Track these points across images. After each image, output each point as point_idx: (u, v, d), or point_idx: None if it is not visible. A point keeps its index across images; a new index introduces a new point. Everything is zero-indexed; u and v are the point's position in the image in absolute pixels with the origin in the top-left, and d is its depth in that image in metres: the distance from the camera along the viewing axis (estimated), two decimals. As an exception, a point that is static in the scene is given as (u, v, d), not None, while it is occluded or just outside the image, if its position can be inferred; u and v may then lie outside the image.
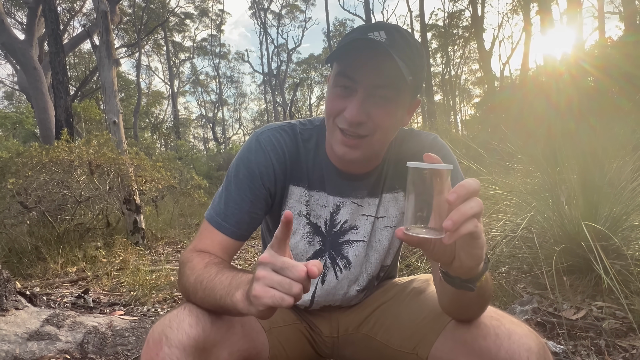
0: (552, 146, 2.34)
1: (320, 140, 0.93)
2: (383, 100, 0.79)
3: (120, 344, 1.69)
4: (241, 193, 0.87)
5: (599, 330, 1.53)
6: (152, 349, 0.70)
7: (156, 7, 23.01)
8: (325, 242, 0.95)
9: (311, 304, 0.99)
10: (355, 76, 0.78)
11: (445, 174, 0.57)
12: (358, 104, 0.78)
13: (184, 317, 0.72)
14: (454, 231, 0.53)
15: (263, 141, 0.90)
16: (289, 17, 33.90)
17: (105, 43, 4.65)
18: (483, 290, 0.70)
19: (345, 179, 0.92)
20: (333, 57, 0.79)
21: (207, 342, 0.72)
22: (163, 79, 32.92)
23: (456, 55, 30.23)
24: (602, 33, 14.01)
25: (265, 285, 0.59)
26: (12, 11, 15.58)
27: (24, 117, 15.40)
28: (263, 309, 0.59)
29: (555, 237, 1.98)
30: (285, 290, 0.58)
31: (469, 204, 0.54)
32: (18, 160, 3.89)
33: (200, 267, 0.79)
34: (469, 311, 0.77)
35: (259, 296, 0.58)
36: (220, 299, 0.70)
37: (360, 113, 0.78)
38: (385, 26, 0.79)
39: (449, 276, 0.68)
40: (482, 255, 0.60)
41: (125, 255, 3.41)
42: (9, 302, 1.74)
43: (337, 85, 0.81)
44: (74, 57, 20.23)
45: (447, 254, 0.62)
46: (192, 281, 0.77)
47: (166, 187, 4.75)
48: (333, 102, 0.82)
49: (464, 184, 0.54)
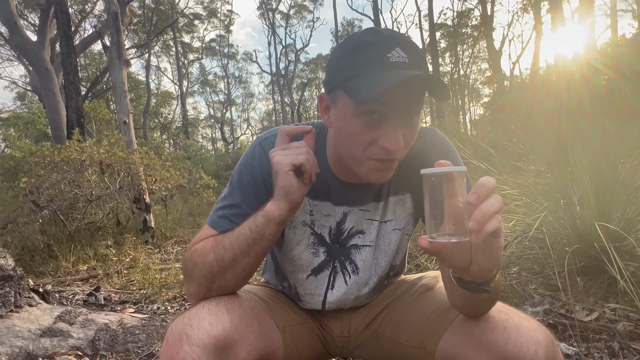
0: (564, 146, 2.31)
1: (319, 149, 0.87)
2: (413, 117, 0.74)
3: (131, 341, 1.70)
4: (245, 199, 0.85)
5: (612, 333, 1.51)
6: (173, 348, 0.69)
7: (165, 8, 23.20)
8: (330, 251, 0.94)
9: (323, 309, 0.98)
10: (387, 100, 0.70)
11: (457, 176, 0.57)
12: (396, 131, 0.72)
13: (203, 316, 0.72)
14: (479, 231, 0.54)
15: (267, 147, 0.87)
16: (297, 17, 33.97)
17: (116, 44, 4.70)
18: (496, 290, 0.70)
19: (350, 189, 0.89)
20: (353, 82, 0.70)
21: (227, 341, 0.72)
22: (172, 80, 33.24)
23: (465, 54, 30.02)
24: (615, 31, 13.82)
25: (281, 155, 0.72)
26: (25, 13, 15.82)
27: (36, 117, 15.61)
28: (288, 169, 0.70)
29: (567, 238, 1.95)
30: (296, 152, 0.72)
31: (489, 201, 0.54)
32: (31, 159, 3.95)
33: (210, 244, 0.79)
34: (480, 309, 0.77)
35: (280, 161, 0.71)
36: (250, 231, 0.75)
37: (400, 140, 0.72)
38: (399, 41, 0.71)
39: (463, 281, 0.67)
40: (500, 255, 0.59)
41: (135, 254, 3.45)
42: (22, 299, 1.77)
43: (362, 114, 0.72)
44: (85, 58, 20.48)
45: (465, 259, 0.61)
46: (212, 256, 0.76)
47: (175, 186, 4.78)
48: (362, 134, 0.73)
49: (483, 182, 0.55)
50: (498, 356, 0.72)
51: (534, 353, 0.69)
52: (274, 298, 0.97)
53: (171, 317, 2.00)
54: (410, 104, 0.72)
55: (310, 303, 0.98)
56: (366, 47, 0.71)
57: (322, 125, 0.90)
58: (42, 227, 3.85)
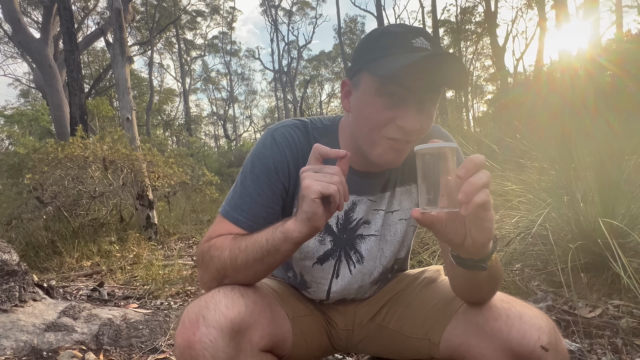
0: (567, 143, 2.29)
1: (332, 140, 0.92)
2: (431, 104, 0.79)
3: (135, 336, 1.71)
4: (257, 188, 0.86)
5: (615, 329, 1.51)
6: (189, 329, 0.70)
7: (168, 5, 23.18)
8: (337, 240, 0.95)
9: (327, 298, 0.99)
10: (410, 84, 0.75)
11: (449, 152, 0.61)
12: (415, 112, 0.77)
13: (220, 299, 0.74)
14: (468, 202, 0.57)
15: (278, 137, 0.89)
16: (300, 14, 33.85)
17: (119, 40, 4.70)
18: (494, 270, 0.72)
19: (360, 177, 0.92)
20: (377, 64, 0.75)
21: (242, 324, 0.74)
22: (175, 77, 33.25)
23: (469, 51, 29.83)
24: (620, 27, 13.70)
25: (312, 179, 0.67)
26: (28, 10, 15.86)
27: (40, 115, 15.67)
28: (316, 197, 0.66)
29: (571, 234, 1.95)
30: (328, 180, 0.67)
31: (477, 175, 0.58)
32: (34, 156, 3.97)
33: (229, 240, 0.80)
34: (481, 292, 0.78)
35: (309, 186, 0.66)
36: (267, 242, 0.73)
37: (418, 121, 0.77)
38: (422, 32, 0.78)
39: (460, 259, 0.70)
40: (492, 228, 0.62)
41: (139, 250, 3.46)
42: (27, 294, 1.78)
43: (383, 94, 0.77)
44: (88, 55, 20.52)
45: (459, 233, 0.64)
46: (227, 254, 0.77)
47: (178, 183, 4.80)
48: (381, 113, 0.78)
49: (471, 158, 0.59)
50: (502, 344, 0.74)
51: (537, 339, 0.71)
52: (282, 289, 0.99)
53: (174, 312, 2.01)
54: (428, 90, 0.77)
55: (316, 292, 0.99)
56: (392, 34, 0.78)
57: (332, 119, 0.95)
58: (46, 224, 3.88)
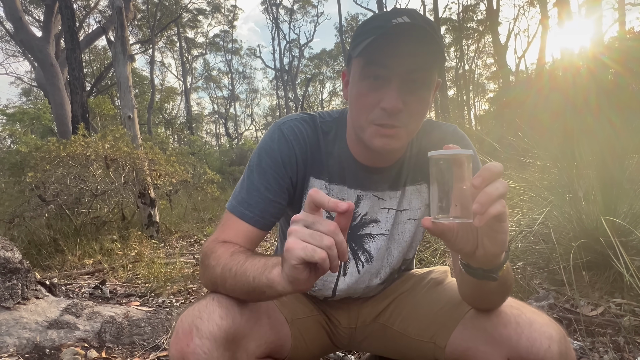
0: (569, 141, 2.28)
1: (339, 133, 0.91)
2: (417, 84, 0.76)
3: (137, 333, 1.72)
4: (264, 182, 0.85)
5: (617, 327, 1.50)
6: (183, 340, 0.68)
7: (169, 4, 23.15)
8: None
9: (333, 295, 0.98)
10: (388, 63, 0.73)
11: (465, 160, 0.57)
12: (395, 92, 0.74)
13: (214, 309, 0.71)
14: (482, 213, 0.53)
15: (285, 131, 0.88)
16: (301, 12, 33.76)
17: (120, 39, 4.70)
18: (505, 280, 0.69)
19: (366, 172, 0.90)
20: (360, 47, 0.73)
21: (237, 334, 0.72)
22: (176, 75, 33.29)
23: (470, 49, 29.74)
24: (623, 25, 13.64)
25: (297, 239, 0.56)
26: (30, 9, 15.86)
27: (42, 113, 15.70)
28: (297, 263, 0.55)
29: (572, 233, 1.94)
30: (316, 243, 0.55)
31: (494, 185, 0.54)
32: (37, 154, 3.98)
33: (226, 256, 0.76)
34: (490, 301, 0.76)
35: (291, 248, 0.56)
36: (253, 280, 0.67)
37: (399, 101, 0.74)
38: (406, 11, 0.75)
39: (471, 268, 0.67)
40: (506, 240, 0.59)
41: (140, 248, 3.47)
42: (29, 292, 1.79)
43: (366, 77, 0.76)
44: (89, 54, 20.52)
45: (471, 243, 0.61)
46: (219, 271, 0.74)
47: (180, 181, 4.81)
48: (366, 97, 0.76)
49: (488, 166, 0.55)
50: (511, 351, 0.72)
51: (547, 348, 0.69)
52: None
53: (176, 310, 2.02)
54: (412, 69, 0.74)
55: (321, 289, 0.98)
56: (378, 17, 0.77)
57: (340, 112, 0.94)
58: (48, 222, 3.89)
